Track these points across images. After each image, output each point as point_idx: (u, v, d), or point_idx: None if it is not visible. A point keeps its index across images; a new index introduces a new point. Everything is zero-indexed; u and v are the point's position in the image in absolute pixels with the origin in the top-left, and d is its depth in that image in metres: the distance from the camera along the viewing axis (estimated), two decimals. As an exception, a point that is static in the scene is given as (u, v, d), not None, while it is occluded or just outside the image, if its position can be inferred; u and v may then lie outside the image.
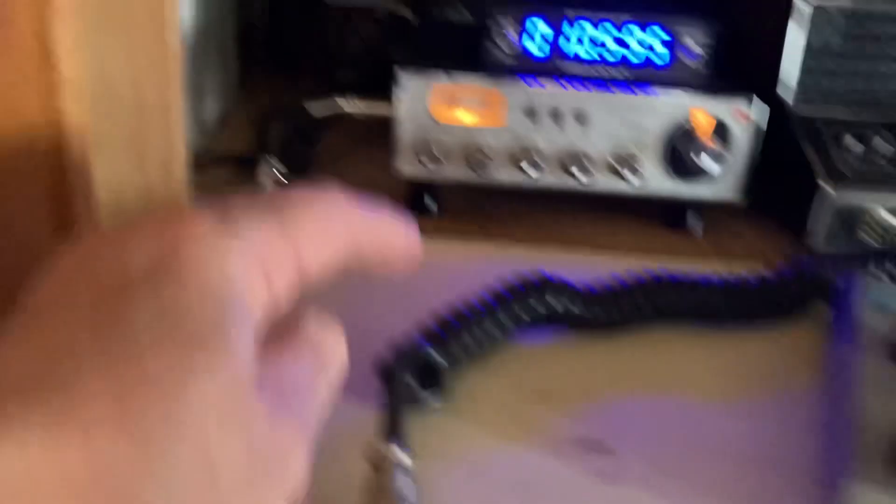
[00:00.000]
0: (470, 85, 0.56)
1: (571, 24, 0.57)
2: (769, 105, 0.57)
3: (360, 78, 0.86)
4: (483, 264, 0.51)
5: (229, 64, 0.79)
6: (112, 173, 0.53)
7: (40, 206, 0.48)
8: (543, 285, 0.43)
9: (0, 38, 0.31)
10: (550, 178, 0.57)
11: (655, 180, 0.58)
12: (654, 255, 0.57)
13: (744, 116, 0.56)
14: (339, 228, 0.23)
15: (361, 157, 0.69)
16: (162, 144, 0.53)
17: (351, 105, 0.58)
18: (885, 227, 0.55)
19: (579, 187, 0.57)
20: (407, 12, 0.89)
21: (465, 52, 0.59)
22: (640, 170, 0.57)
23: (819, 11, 0.59)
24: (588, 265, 0.52)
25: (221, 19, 0.75)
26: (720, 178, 0.57)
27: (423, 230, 0.27)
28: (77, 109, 0.48)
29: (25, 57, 0.35)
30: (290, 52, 0.90)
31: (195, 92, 0.68)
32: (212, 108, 0.72)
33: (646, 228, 0.61)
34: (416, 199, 0.60)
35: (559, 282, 0.43)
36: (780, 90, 0.61)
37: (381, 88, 0.56)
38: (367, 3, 0.92)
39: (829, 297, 0.49)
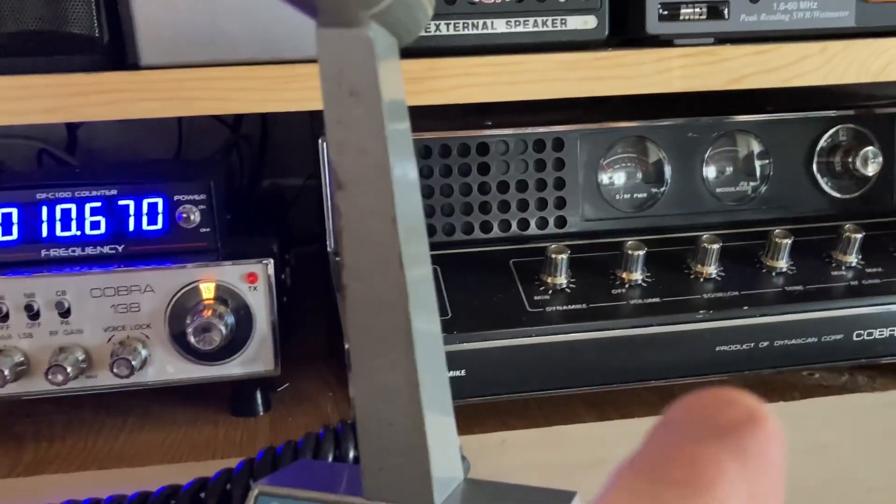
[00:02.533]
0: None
1: (52, 209, 0.50)
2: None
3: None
4: None
5: None
6: None
7: None
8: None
9: None
10: (35, 384, 0.48)
11: (173, 366, 0.50)
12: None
13: (251, 278, 0.50)
14: None
15: None
16: None
17: None
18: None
19: (79, 390, 0.48)
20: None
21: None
22: (150, 356, 0.49)
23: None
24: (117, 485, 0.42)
25: None
26: (250, 349, 0.50)
27: None
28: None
29: None
30: None
31: None
32: None
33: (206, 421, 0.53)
34: None
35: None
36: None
37: None
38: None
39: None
